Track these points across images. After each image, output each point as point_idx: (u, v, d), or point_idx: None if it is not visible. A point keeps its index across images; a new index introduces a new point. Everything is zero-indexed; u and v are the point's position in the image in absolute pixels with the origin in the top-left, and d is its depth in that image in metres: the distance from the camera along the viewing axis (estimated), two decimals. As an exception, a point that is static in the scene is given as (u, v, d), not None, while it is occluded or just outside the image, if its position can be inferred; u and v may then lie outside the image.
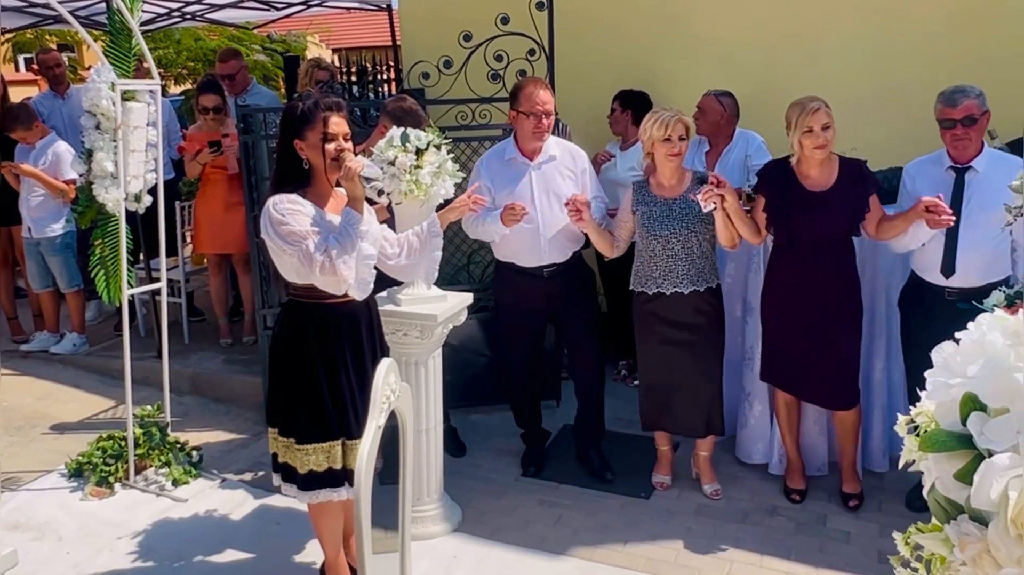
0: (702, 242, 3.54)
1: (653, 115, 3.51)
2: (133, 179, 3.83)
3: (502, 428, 4.47)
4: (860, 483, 3.72)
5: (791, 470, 3.80)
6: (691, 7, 5.10)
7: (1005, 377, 1.00)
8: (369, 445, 2.04)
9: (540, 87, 3.69)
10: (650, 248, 3.58)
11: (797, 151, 3.41)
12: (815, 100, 3.35)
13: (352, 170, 2.68)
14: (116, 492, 3.87)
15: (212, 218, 5.38)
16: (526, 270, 3.82)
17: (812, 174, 3.44)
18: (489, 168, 3.81)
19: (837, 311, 3.49)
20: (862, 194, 3.42)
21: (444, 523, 3.53)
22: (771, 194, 3.50)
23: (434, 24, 5.36)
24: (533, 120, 3.66)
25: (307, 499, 2.89)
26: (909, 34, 4.61)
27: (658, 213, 3.55)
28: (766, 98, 4.60)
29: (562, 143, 3.89)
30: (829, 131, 3.34)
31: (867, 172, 3.47)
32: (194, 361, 5.39)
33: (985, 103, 3.29)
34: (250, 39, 10.93)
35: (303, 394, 2.83)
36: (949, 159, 3.37)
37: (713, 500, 3.77)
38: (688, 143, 3.52)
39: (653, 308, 3.61)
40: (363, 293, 2.81)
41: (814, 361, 3.53)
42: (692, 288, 3.55)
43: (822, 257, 3.45)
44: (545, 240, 3.75)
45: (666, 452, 3.91)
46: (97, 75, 3.73)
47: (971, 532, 1.00)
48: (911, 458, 1.13)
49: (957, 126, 3.27)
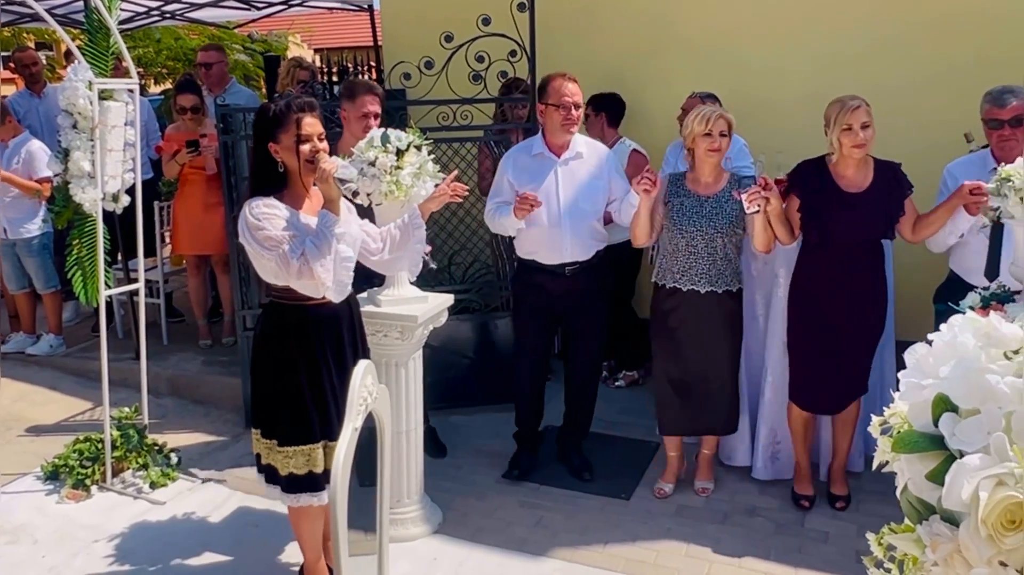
0: (727, 244, 3.52)
1: (696, 111, 3.49)
2: (111, 179, 3.80)
3: (483, 429, 4.47)
4: (848, 485, 3.74)
5: (800, 476, 3.76)
6: (672, 9, 5.13)
7: (976, 378, 1.01)
8: (346, 447, 2.03)
9: (568, 80, 3.67)
10: (674, 242, 3.56)
11: (836, 149, 3.36)
12: (856, 98, 3.30)
13: (326, 171, 2.66)
14: (93, 495, 3.83)
15: (191, 219, 5.34)
16: (547, 267, 3.78)
17: (848, 174, 3.40)
18: (515, 163, 3.79)
19: (866, 312, 3.47)
20: (898, 196, 3.39)
21: (424, 525, 3.52)
22: (805, 193, 3.45)
23: (416, 25, 5.36)
24: (562, 112, 3.64)
25: (289, 502, 2.88)
26: (889, 37, 4.64)
27: (688, 209, 3.52)
28: (747, 101, 4.64)
29: (590, 141, 3.88)
30: (868, 130, 3.28)
31: (902, 174, 3.43)
32: (173, 362, 5.34)
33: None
34: (231, 38, 10.86)
35: (284, 396, 2.81)
36: (994, 160, 3.31)
37: (698, 496, 3.79)
38: (729, 140, 3.50)
39: (667, 305, 3.61)
40: (341, 295, 2.79)
41: (834, 366, 3.50)
42: (709, 288, 3.53)
43: (855, 258, 3.42)
44: (567, 237, 3.71)
45: (674, 459, 3.88)
46: (74, 74, 3.70)
47: (943, 533, 1.01)
48: (884, 459, 1.14)
49: (1004, 126, 3.25)
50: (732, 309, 3.62)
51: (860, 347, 3.52)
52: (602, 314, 3.92)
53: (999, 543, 0.93)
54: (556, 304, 3.81)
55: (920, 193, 3.47)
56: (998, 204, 2.62)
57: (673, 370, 3.68)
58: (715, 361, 3.63)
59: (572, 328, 3.92)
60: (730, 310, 3.61)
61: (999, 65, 4.20)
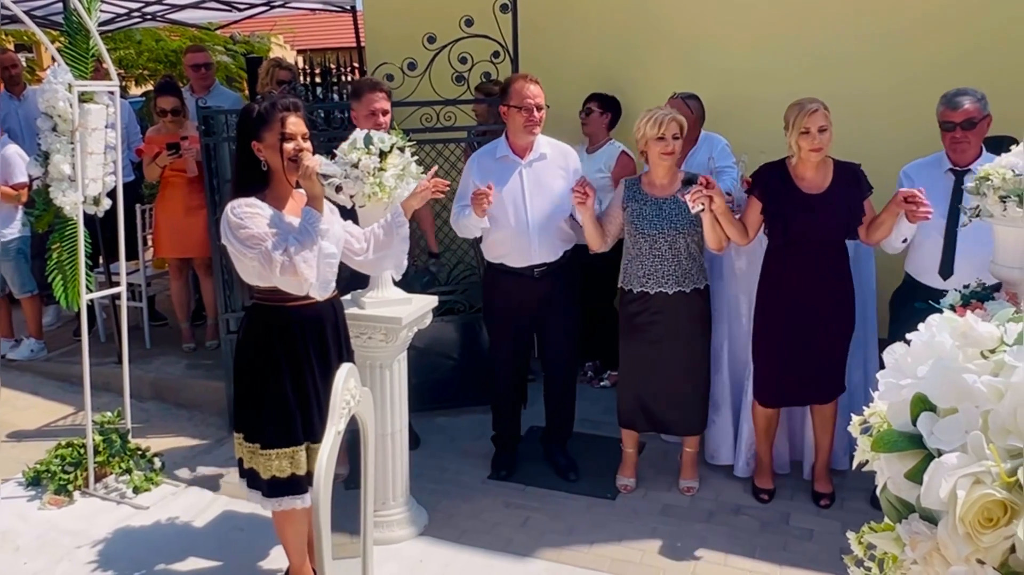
0: (690, 243, 3.55)
1: (648, 113, 3.51)
2: (91, 182, 3.77)
3: (468, 431, 4.47)
4: (832, 483, 3.76)
5: (761, 470, 3.83)
6: (655, 10, 5.14)
7: (953, 378, 1.02)
8: (328, 451, 2.02)
9: (529, 81, 3.68)
10: (637, 246, 3.59)
11: (795, 151, 3.41)
12: (814, 101, 3.34)
13: (309, 168, 2.66)
14: (75, 500, 3.80)
15: (172, 221, 5.30)
16: (516, 270, 3.79)
17: (808, 175, 3.44)
18: (480, 166, 3.79)
19: (832, 311, 3.51)
20: (857, 196, 3.43)
21: (410, 527, 3.52)
22: (767, 195, 3.49)
23: (398, 26, 5.35)
24: (524, 114, 3.64)
25: (271, 506, 2.87)
26: (873, 39, 4.67)
27: (648, 212, 3.55)
28: (729, 101, 4.66)
29: (553, 142, 3.88)
30: (826, 134, 3.34)
31: (862, 175, 3.48)
32: (156, 366, 5.31)
33: (987, 107, 3.30)
34: (213, 40, 10.80)
35: (268, 399, 2.80)
36: (948, 161, 3.38)
37: (683, 495, 3.81)
38: (681, 142, 3.52)
39: (636, 308, 3.62)
40: (325, 292, 2.79)
41: (804, 363, 3.54)
42: (677, 289, 3.56)
43: (818, 258, 3.46)
44: (535, 240, 3.73)
45: (631, 454, 3.92)
46: (53, 76, 3.67)
47: (921, 531, 1.01)
48: (864, 458, 1.15)
49: (956, 129, 3.30)
50: (701, 307, 3.65)
51: (829, 345, 3.55)
52: (574, 314, 3.94)
53: (977, 541, 0.94)
54: (527, 306, 3.83)
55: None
56: (977, 203, 2.65)
57: (642, 371, 3.70)
58: (686, 361, 3.65)
59: (545, 329, 3.95)
60: (699, 308, 3.64)
61: (982, 66, 4.24)
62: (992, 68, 4.21)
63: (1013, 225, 2.56)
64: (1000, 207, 2.54)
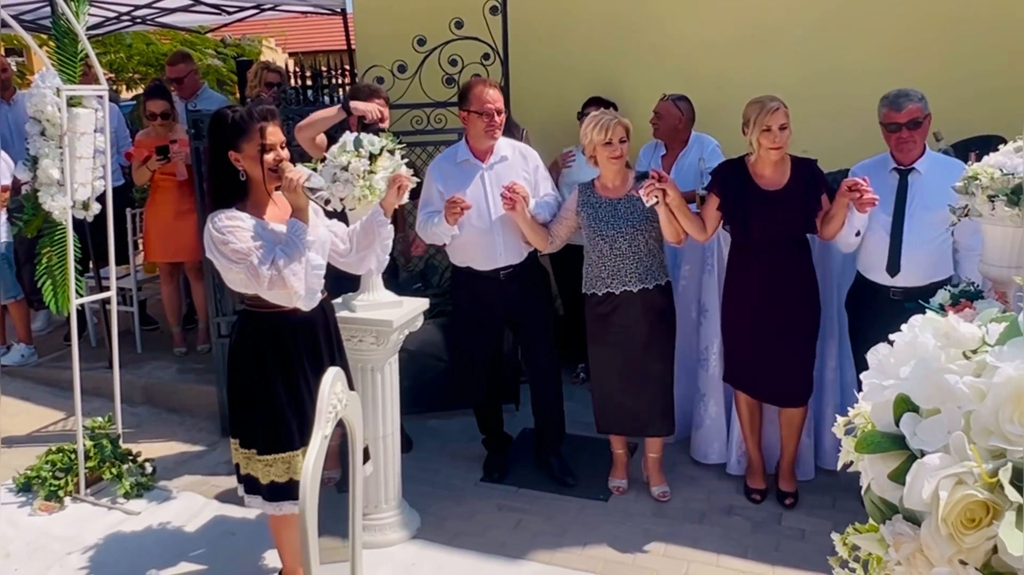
0: (648, 240, 3.57)
1: (593, 119, 3.54)
2: (80, 186, 3.76)
3: (460, 433, 4.47)
4: (796, 482, 3.78)
5: (752, 470, 3.84)
6: (645, 12, 5.15)
7: (936, 378, 1.02)
8: (314, 456, 2.02)
9: (488, 86, 3.69)
10: (598, 249, 3.60)
11: (754, 149, 3.45)
12: (774, 100, 3.39)
13: (294, 182, 2.64)
14: (66, 506, 3.78)
15: (162, 225, 5.29)
16: (482, 273, 3.81)
17: (766, 173, 3.49)
18: (441, 171, 3.80)
19: (794, 308, 3.54)
20: (814, 192, 3.47)
21: (402, 530, 3.51)
22: (726, 193, 3.53)
23: (388, 29, 5.35)
24: (485, 119, 3.66)
25: (271, 510, 2.86)
26: (857, 46, 4.69)
27: (603, 213, 3.58)
28: (720, 102, 4.66)
29: (513, 144, 3.89)
30: (786, 132, 3.38)
31: (818, 171, 3.53)
32: (147, 371, 5.29)
33: (927, 106, 3.36)
34: (203, 43, 10.78)
35: (262, 404, 2.79)
36: (893, 161, 3.43)
37: (662, 502, 3.79)
38: (628, 145, 3.55)
39: (604, 309, 3.63)
40: (312, 303, 2.78)
41: (771, 360, 3.58)
42: (641, 286, 3.57)
43: (779, 255, 3.50)
44: (500, 242, 3.74)
45: (621, 456, 3.92)
46: (42, 80, 3.66)
47: (905, 532, 1.01)
48: (848, 459, 1.15)
49: (902, 129, 3.34)
50: (664, 304, 3.66)
51: (794, 341, 3.57)
52: (547, 313, 3.96)
53: (959, 542, 0.94)
54: (495, 309, 3.84)
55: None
56: (966, 202, 2.65)
57: (612, 373, 3.70)
58: (652, 358, 3.65)
59: (520, 331, 3.96)
60: (662, 305, 3.65)
61: (965, 72, 4.27)
62: (980, 73, 4.24)
63: (1002, 224, 2.56)
64: (988, 206, 2.55)
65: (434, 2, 4.94)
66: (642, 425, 3.77)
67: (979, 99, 4.39)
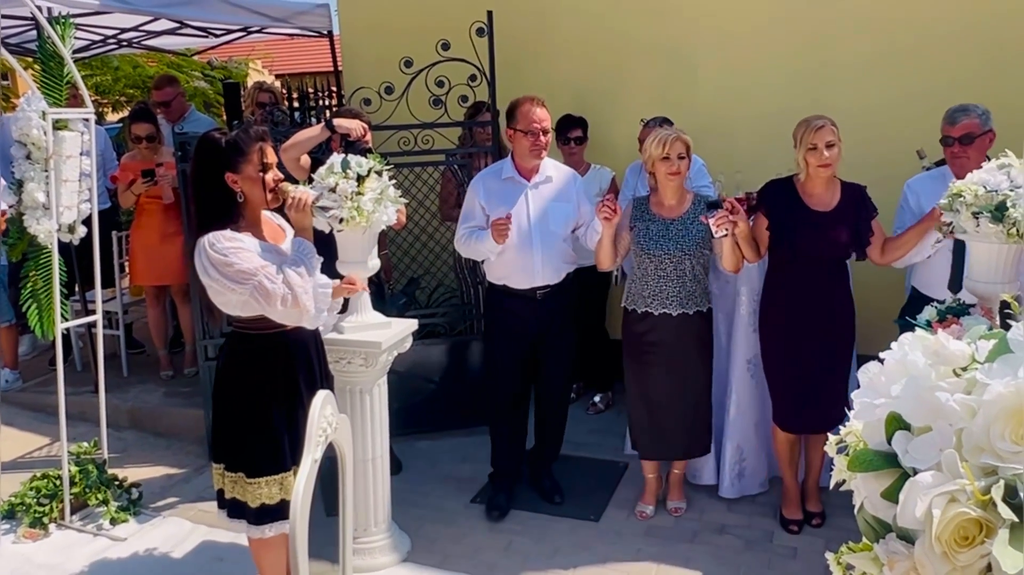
0: (695, 265, 3.53)
1: (654, 134, 3.51)
2: (66, 210, 3.74)
3: (451, 454, 4.45)
4: (822, 501, 3.74)
5: (788, 499, 3.74)
6: (631, 33, 5.18)
7: (927, 396, 1.02)
8: (305, 480, 2.00)
9: (536, 104, 3.66)
10: (643, 266, 3.57)
11: (803, 168, 3.42)
12: (821, 118, 3.36)
13: (303, 201, 2.65)
14: (51, 533, 3.73)
15: (148, 248, 5.26)
16: (518, 292, 3.76)
17: (816, 193, 3.45)
18: (486, 186, 3.77)
19: (835, 329, 3.50)
20: (864, 217, 3.44)
21: (392, 553, 3.48)
22: (774, 212, 3.49)
23: (375, 50, 5.38)
24: (531, 138, 3.63)
25: (258, 534, 2.82)
26: (847, 59, 4.74)
27: (655, 232, 3.53)
28: (706, 123, 4.70)
29: (558, 165, 3.88)
30: (834, 149, 3.35)
31: (867, 196, 3.49)
32: (133, 394, 5.25)
33: (988, 122, 3.33)
34: (190, 66, 10.79)
35: (254, 427, 2.76)
36: (952, 176, 3.40)
37: (669, 516, 3.80)
38: (688, 162, 3.51)
39: (640, 328, 3.61)
40: (319, 322, 2.78)
41: (820, 384, 3.52)
42: (681, 311, 3.54)
43: (822, 276, 3.47)
44: (539, 262, 3.71)
45: (652, 480, 3.86)
46: (27, 104, 3.65)
47: (899, 550, 1.01)
48: (841, 478, 1.15)
49: (955, 144, 3.34)
50: (703, 329, 3.63)
51: (834, 363, 3.55)
52: (571, 336, 3.93)
53: (953, 560, 0.94)
54: (528, 328, 3.79)
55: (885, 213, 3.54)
56: (951, 219, 2.67)
57: (648, 394, 3.67)
58: (689, 383, 3.63)
59: (542, 351, 3.89)
60: (701, 331, 3.62)
61: (963, 88, 4.30)
62: (975, 88, 4.28)
63: (986, 241, 2.58)
64: (973, 223, 2.57)
65: (421, 24, 4.97)
66: (678, 448, 3.74)
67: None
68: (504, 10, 4.57)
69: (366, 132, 3.66)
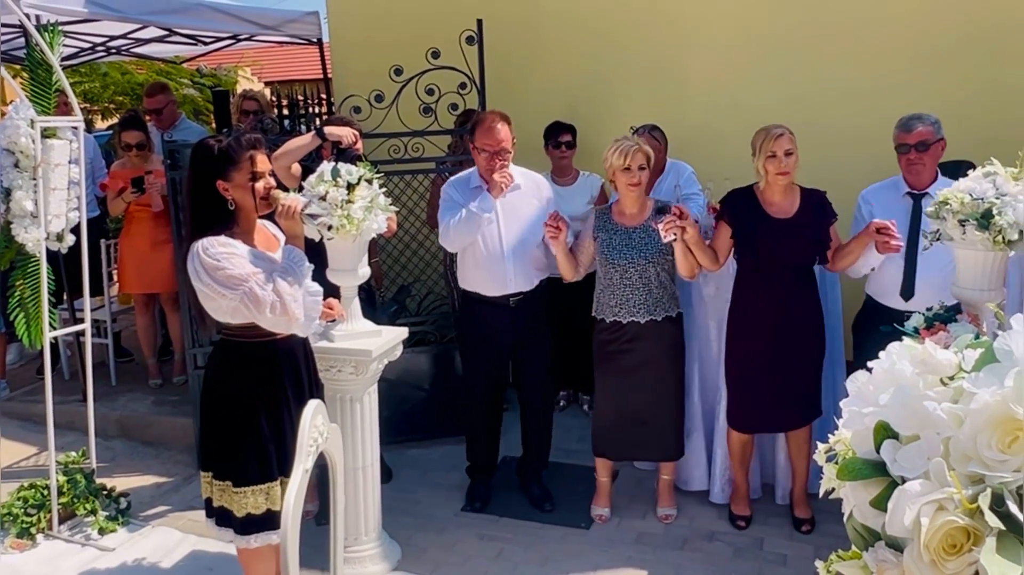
0: (660, 272, 3.56)
1: (615, 144, 3.53)
2: (54, 218, 3.72)
3: (440, 462, 4.44)
4: (811, 507, 3.75)
5: (737, 497, 3.83)
6: (620, 42, 5.21)
7: (914, 405, 1.03)
8: (296, 490, 1.99)
9: (498, 121, 3.64)
10: (608, 276, 3.60)
11: (762, 176, 3.46)
12: (779, 127, 3.41)
13: (293, 209, 2.65)
14: (39, 543, 3.70)
15: (137, 256, 5.24)
16: (491, 299, 3.77)
17: (776, 200, 3.49)
18: (457, 191, 3.78)
19: (802, 335, 3.53)
20: (824, 222, 3.48)
21: (383, 562, 3.47)
22: (736, 221, 3.53)
23: (365, 58, 5.38)
24: (485, 157, 3.64)
25: (244, 543, 2.81)
26: (828, 78, 4.78)
27: (618, 241, 3.56)
28: (694, 130, 4.73)
29: (527, 172, 3.88)
30: (792, 157, 3.39)
31: (827, 202, 3.53)
32: (122, 403, 5.22)
33: (940, 131, 3.39)
34: (179, 73, 10.77)
35: (242, 435, 2.75)
36: (906, 185, 3.46)
37: (659, 523, 3.80)
38: (648, 172, 3.54)
39: (609, 336, 3.62)
40: (310, 330, 2.77)
41: (779, 388, 3.55)
42: (649, 318, 3.56)
43: (787, 282, 3.49)
44: (511, 269, 3.72)
45: (605, 483, 3.91)
46: (16, 112, 3.63)
47: (888, 558, 1.02)
48: (831, 486, 1.16)
49: (911, 151, 3.38)
50: (673, 335, 3.65)
51: (800, 369, 3.58)
52: (548, 343, 3.93)
53: (941, 568, 0.95)
54: (503, 335, 3.81)
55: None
56: (937, 227, 2.70)
57: (620, 401, 3.69)
58: (661, 388, 3.65)
59: (520, 358, 3.92)
60: (671, 336, 3.64)
61: (940, 103, 4.35)
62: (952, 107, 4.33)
63: (972, 248, 2.61)
64: (959, 231, 2.60)
65: (411, 32, 4.98)
66: (645, 449, 3.77)
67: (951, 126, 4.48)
68: (494, 19, 4.59)
69: (357, 139, 3.67)
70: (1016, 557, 0.91)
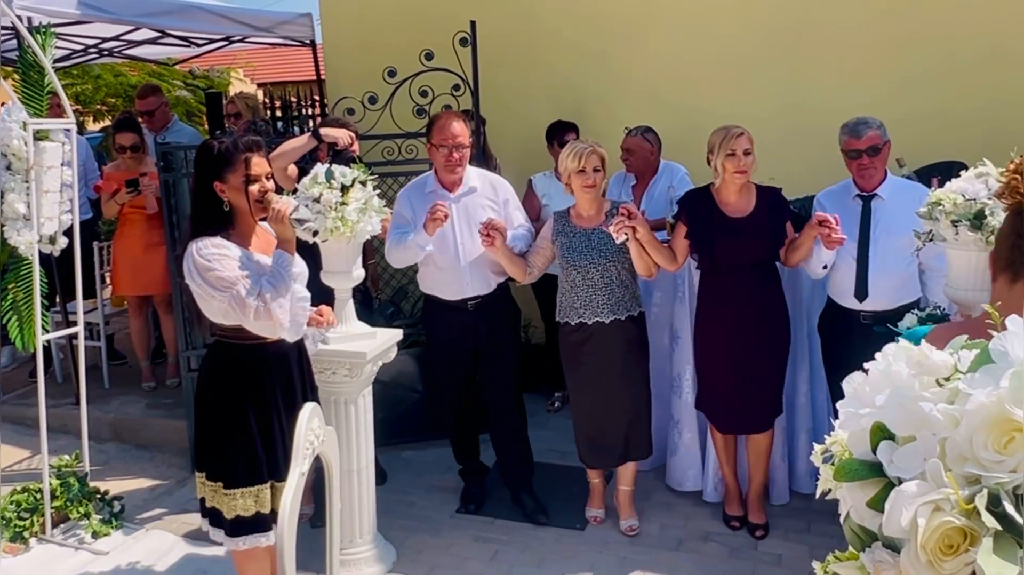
0: (621, 271, 3.57)
1: (570, 147, 3.56)
2: (47, 221, 3.71)
3: (435, 464, 4.43)
4: (765, 512, 3.78)
5: (729, 497, 3.84)
6: (613, 44, 5.22)
7: (910, 406, 1.03)
8: (292, 493, 1.99)
9: (453, 119, 3.67)
10: (570, 279, 3.61)
11: (720, 175, 3.48)
12: (738, 127, 3.44)
13: (281, 212, 2.65)
14: (32, 547, 3.69)
15: (131, 258, 5.23)
16: (450, 303, 3.79)
17: (732, 200, 3.52)
18: (410, 199, 3.79)
19: (764, 334, 3.55)
20: (780, 220, 3.52)
21: (378, 564, 3.47)
22: (692, 221, 3.56)
23: (358, 60, 5.38)
24: (444, 152, 3.65)
25: (232, 545, 2.81)
26: (818, 79, 4.79)
27: (577, 244, 3.58)
28: (687, 133, 4.72)
29: (484, 174, 3.89)
30: (750, 157, 3.43)
31: (783, 199, 3.58)
32: (115, 406, 5.20)
33: (886, 133, 3.43)
34: (172, 75, 10.73)
35: (232, 437, 2.75)
36: (856, 188, 3.49)
37: (650, 524, 3.78)
38: (603, 174, 3.56)
39: (576, 339, 3.63)
40: (297, 335, 2.77)
41: (741, 387, 3.58)
42: (613, 317, 3.57)
43: (746, 282, 3.52)
44: (467, 272, 3.73)
45: (598, 485, 3.90)
46: (8, 114, 3.62)
47: (885, 559, 1.02)
48: (827, 487, 1.16)
49: (863, 156, 3.40)
50: (637, 334, 3.66)
51: (765, 369, 3.60)
52: (510, 348, 3.91)
53: (938, 568, 0.95)
54: (466, 339, 3.80)
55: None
56: (930, 228, 2.71)
57: (590, 403, 3.69)
58: (628, 387, 3.64)
59: (483, 361, 3.87)
60: (635, 335, 3.65)
61: (933, 114, 4.38)
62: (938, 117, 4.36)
63: (965, 249, 2.61)
64: (952, 231, 2.60)
65: (404, 34, 4.98)
66: (620, 452, 3.74)
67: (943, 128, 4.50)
68: (487, 20, 4.59)
69: (353, 141, 3.67)
70: (1013, 557, 0.91)
